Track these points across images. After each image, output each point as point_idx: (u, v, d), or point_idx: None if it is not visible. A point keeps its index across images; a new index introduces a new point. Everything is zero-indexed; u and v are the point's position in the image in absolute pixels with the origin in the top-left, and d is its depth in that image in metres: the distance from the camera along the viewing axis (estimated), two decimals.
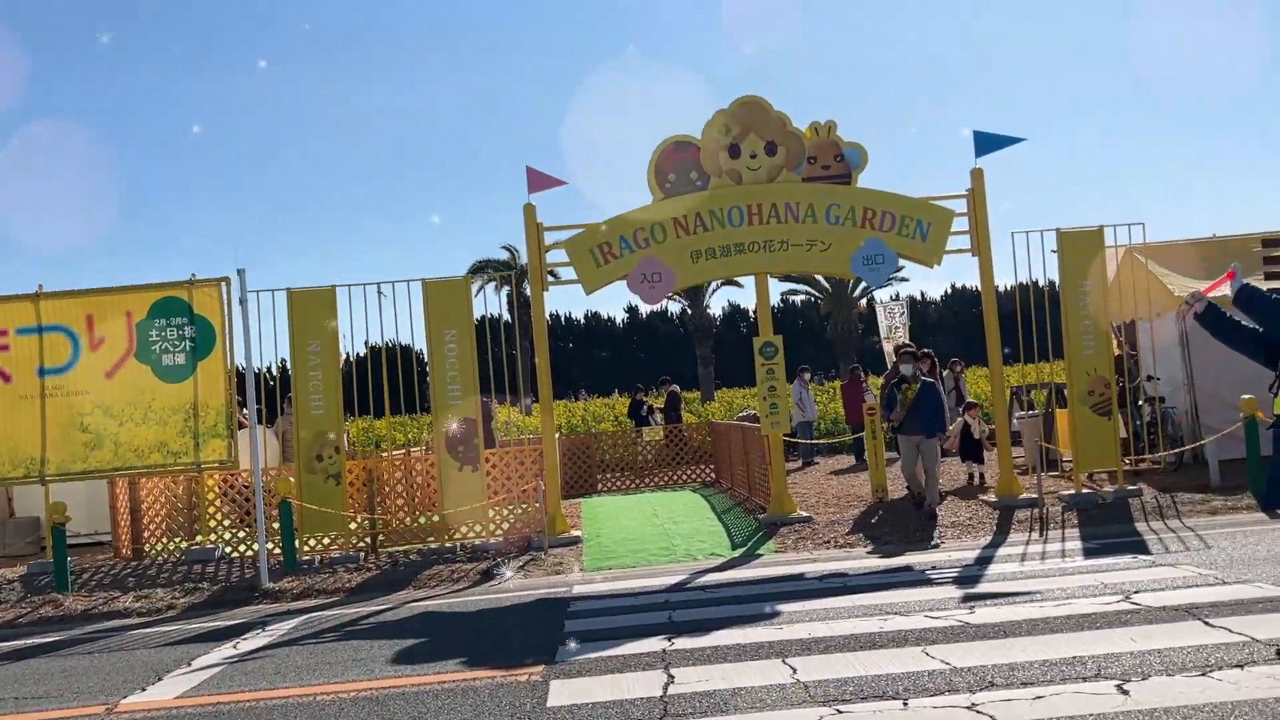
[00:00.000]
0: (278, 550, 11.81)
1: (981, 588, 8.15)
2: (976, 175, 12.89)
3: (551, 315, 69.30)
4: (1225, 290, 6.71)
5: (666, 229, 12.57)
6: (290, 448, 13.49)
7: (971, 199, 12.89)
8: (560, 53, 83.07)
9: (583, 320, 72.03)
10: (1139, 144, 78.05)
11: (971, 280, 70.16)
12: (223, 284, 12.08)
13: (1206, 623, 6.30)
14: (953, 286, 69.54)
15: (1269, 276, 13.14)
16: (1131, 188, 76.85)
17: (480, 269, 46.35)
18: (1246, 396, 12.12)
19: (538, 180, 12.60)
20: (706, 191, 12.63)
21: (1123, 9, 73.79)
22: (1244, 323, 6.46)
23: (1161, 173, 78.53)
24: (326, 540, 12.39)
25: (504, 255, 48.07)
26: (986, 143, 12.79)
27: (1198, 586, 7.40)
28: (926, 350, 14.39)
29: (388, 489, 12.81)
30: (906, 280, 45.65)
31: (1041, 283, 13.06)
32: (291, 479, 12.16)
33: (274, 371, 13.46)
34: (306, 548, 12.28)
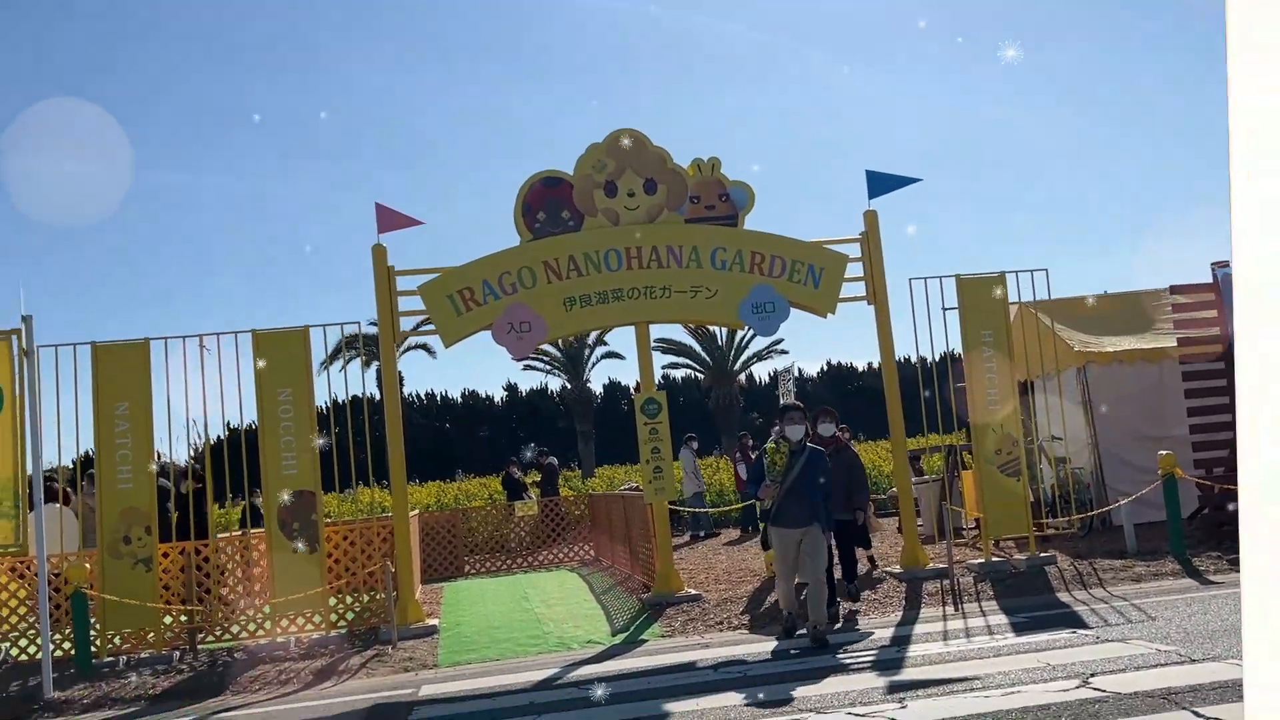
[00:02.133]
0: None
1: (908, 674, 6.85)
2: (870, 218, 11.94)
3: (428, 394, 67.07)
4: None
5: (536, 273, 11.22)
6: (92, 530, 11.51)
7: (866, 243, 11.91)
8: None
9: (460, 399, 69.66)
10: (1041, 192, 79.02)
11: (847, 357, 70.56)
12: (13, 337, 10.22)
13: (1196, 714, 5.09)
14: (828, 363, 69.75)
15: (1178, 325, 12.44)
16: (1036, 234, 77.25)
17: (349, 343, 44.20)
18: (1164, 453, 11.27)
19: (388, 219, 11.11)
20: (580, 232, 11.35)
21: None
22: None
23: (1065, 218, 79.39)
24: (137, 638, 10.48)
25: (374, 330, 45.98)
26: (880, 183, 11.87)
27: (1163, 666, 6.22)
28: (829, 409, 10.86)
29: (211, 575, 10.96)
30: (785, 353, 45.03)
31: (941, 337, 12.03)
32: (89, 565, 10.24)
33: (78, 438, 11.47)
34: (110, 646, 10.35)
